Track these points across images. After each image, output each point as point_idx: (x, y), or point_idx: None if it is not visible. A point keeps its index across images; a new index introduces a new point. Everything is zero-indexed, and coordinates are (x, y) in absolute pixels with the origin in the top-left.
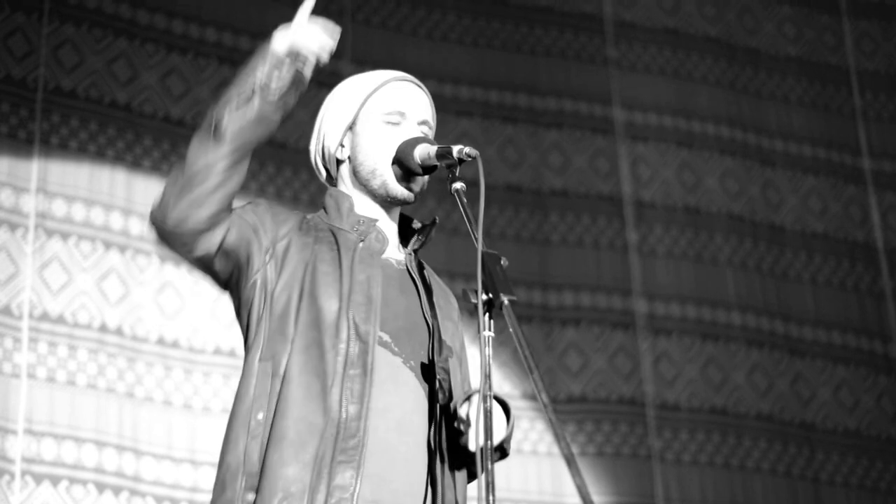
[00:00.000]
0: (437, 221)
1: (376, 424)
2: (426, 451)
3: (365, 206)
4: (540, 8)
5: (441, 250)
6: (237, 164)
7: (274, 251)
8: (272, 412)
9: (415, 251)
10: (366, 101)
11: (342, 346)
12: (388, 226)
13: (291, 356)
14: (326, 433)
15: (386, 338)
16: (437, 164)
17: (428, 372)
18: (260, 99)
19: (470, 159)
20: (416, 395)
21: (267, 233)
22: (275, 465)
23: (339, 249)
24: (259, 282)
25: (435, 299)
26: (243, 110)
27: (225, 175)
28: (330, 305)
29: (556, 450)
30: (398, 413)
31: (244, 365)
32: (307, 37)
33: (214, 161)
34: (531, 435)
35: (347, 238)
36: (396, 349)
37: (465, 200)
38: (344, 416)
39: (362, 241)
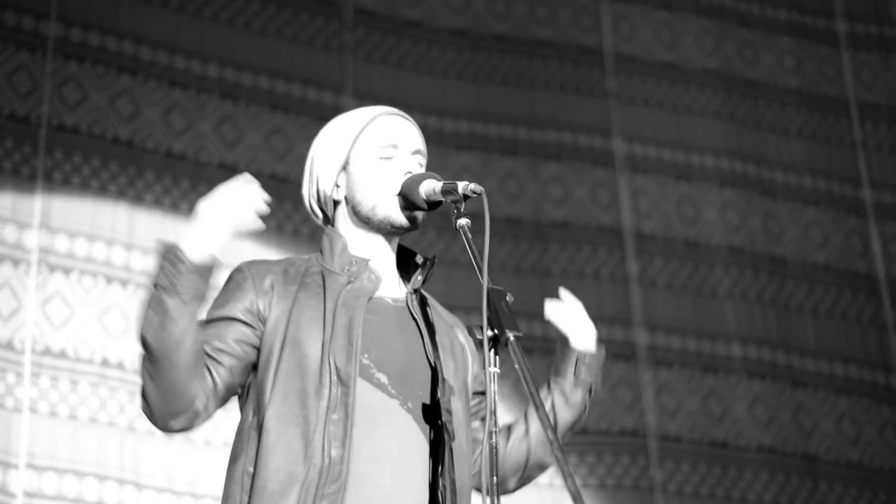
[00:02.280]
0: (437, 259)
1: (368, 469)
2: (427, 492)
3: (364, 243)
4: (539, 41)
5: (441, 283)
6: (185, 361)
7: (268, 313)
8: (255, 465)
9: (415, 290)
10: (356, 138)
11: (325, 391)
12: (386, 262)
13: (269, 407)
14: (308, 480)
15: (383, 379)
16: (443, 199)
17: (429, 413)
18: (167, 296)
19: (475, 195)
20: (414, 438)
21: (258, 308)
22: None
23: (325, 293)
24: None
25: (438, 338)
26: (160, 317)
27: (183, 374)
28: (313, 351)
29: (557, 482)
30: (394, 457)
31: (240, 421)
32: (225, 208)
33: (164, 375)
34: None
35: (336, 280)
36: (393, 391)
37: (470, 236)
38: (327, 461)
39: (351, 282)
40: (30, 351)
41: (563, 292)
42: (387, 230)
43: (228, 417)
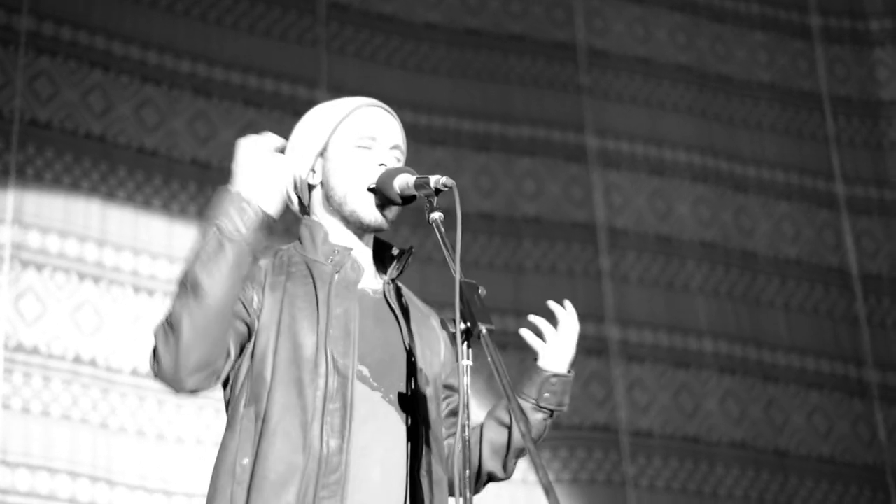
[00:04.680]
0: (414, 250)
1: (359, 462)
2: (408, 485)
3: (339, 234)
4: (513, 36)
5: (415, 279)
6: (226, 312)
7: (263, 304)
8: (255, 456)
9: (392, 280)
10: (336, 126)
11: (321, 381)
12: (363, 253)
13: (270, 396)
14: (308, 470)
15: (365, 372)
16: (416, 193)
17: (406, 404)
18: (230, 243)
19: (447, 189)
20: (396, 430)
21: (254, 293)
22: None
23: (314, 283)
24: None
25: (415, 328)
26: (216, 261)
27: (219, 325)
28: (308, 341)
29: (530, 477)
30: (381, 450)
31: (229, 414)
32: (255, 155)
33: (206, 319)
34: None
35: (322, 270)
36: (375, 384)
37: (443, 230)
38: (325, 451)
39: (338, 272)
40: (2, 347)
41: (567, 304)
42: (355, 224)
43: (200, 417)
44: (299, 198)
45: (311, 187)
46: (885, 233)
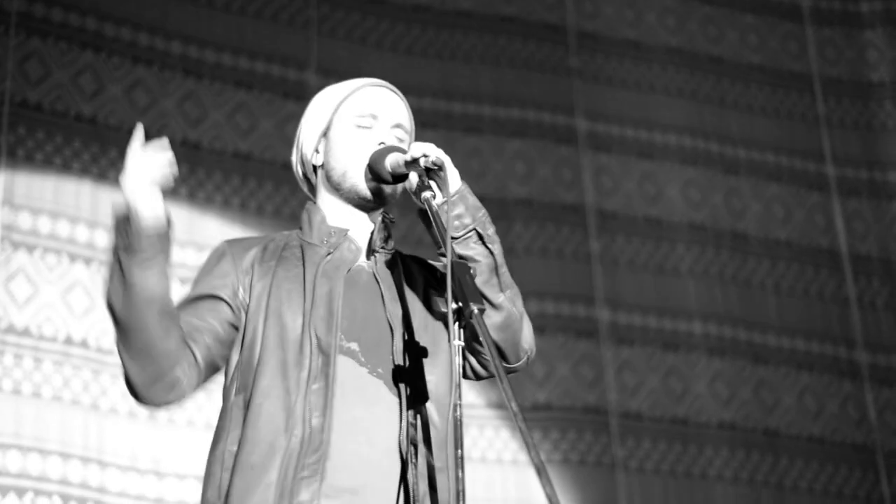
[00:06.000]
0: (393, 219)
1: (345, 438)
2: (398, 458)
3: (340, 214)
4: (503, 18)
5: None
6: (163, 317)
7: (249, 292)
8: (241, 442)
9: (384, 250)
10: (339, 106)
11: (306, 360)
12: (363, 233)
13: (256, 382)
14: (289, 451)
15: (354, 347)
16: (407, 172)
17: (399, 377)
18: (128, 260)
19: (436, 168)
20: (385, 404)
21: (239, 285)
22: (240, 493)
23: (304, 265)
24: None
25: (408, 296)
26: (122, 285)
27: (154, 339)
28: (294, 322)
29: (521, 458)
30: (367, 424)
31: (222, 402)
32: (139, 172)
33: (134, 339)
34: (496, 443)
35: (316, 252)
36: (363, 359)
37: (434, 209)
38: (308, 430)
39: (331, 253)
40: None
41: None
42: (355, 201)
43: (193, 397)
44: (308, 181)
45: (316, 169)
46: (875, 214)
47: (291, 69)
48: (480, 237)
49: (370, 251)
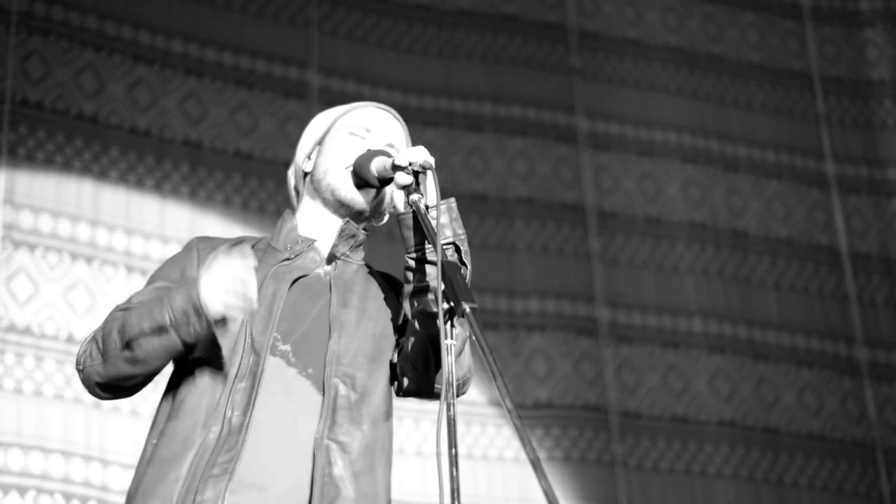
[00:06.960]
0: (366, 229)
1: (258, 435)
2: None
3: (315, 222)
4: (504, 17)
5: (399, 264)
6: (142, 371)
7: None
8: (161, 436)
9: (347, 258)
10: (337, 119)
11: (237, 358)
12: (332, 243)
13: (186, 379)
14: (203, 446)
15: (285, 348)
16: (393, 175)
17: (328, 378)
18: (175, 332)
19: (423, 171)
20: (307, 403)
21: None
22: (149, 486)
23: (259, 267)
24: None
25: (356, 302)
26: (158, 338)
27: (143, 371)
28: (233, 320)
29: (522, 455)
30: (287, 421)
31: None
32: (224, 298)
33: (125, 369)
34: (497, 441)
35: (274, 256)
36: (294, 360)
37: (423, 211)
38: (226, 429)
39: (289, 259)
40: None
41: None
42: (332, 205)
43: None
44: (297, 190)
45: (305, 176)
46: (874, 212)
47: (292, 68)
48: (458, 252)
49: (331, 257)
